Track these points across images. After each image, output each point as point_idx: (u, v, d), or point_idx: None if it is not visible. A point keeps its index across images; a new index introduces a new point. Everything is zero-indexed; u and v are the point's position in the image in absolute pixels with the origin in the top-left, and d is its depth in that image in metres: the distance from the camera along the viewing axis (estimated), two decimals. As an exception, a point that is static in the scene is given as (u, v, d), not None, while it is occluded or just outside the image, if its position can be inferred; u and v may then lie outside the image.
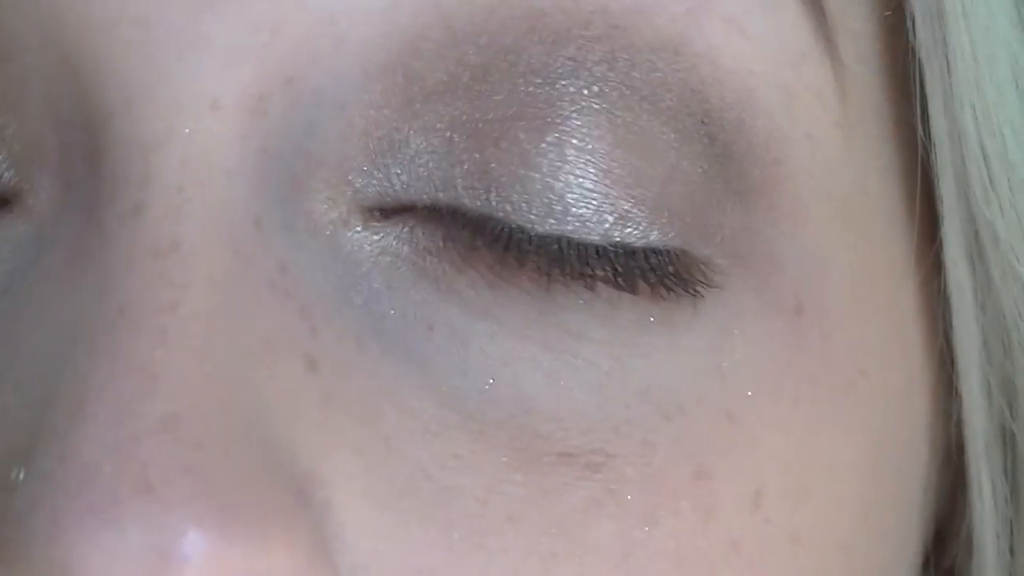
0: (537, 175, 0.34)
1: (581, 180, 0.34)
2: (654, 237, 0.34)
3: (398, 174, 0.34)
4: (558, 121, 0.34)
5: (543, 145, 0.34)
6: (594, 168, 0.34)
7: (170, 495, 0.30)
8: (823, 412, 0.36)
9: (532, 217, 0.34)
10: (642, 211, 0.34)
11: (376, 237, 0.34)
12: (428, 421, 0.33)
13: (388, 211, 0.34)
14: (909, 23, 0.36)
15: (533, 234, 0.34)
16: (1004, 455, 0.39)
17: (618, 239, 0.34)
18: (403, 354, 0.34)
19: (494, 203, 0.34)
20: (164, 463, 0.30)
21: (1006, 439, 0.39)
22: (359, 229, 0.34)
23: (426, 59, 0.34)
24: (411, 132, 0.34)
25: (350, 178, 0.34)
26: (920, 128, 0.37)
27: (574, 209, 0.34)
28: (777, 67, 0.35)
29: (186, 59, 0.33)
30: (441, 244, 0.34)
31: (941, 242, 0.38)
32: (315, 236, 0.34)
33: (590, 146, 0.34)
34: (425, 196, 0.34)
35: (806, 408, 0.36)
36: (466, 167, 0.34)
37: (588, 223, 0.34)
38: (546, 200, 0.34)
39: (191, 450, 0.31)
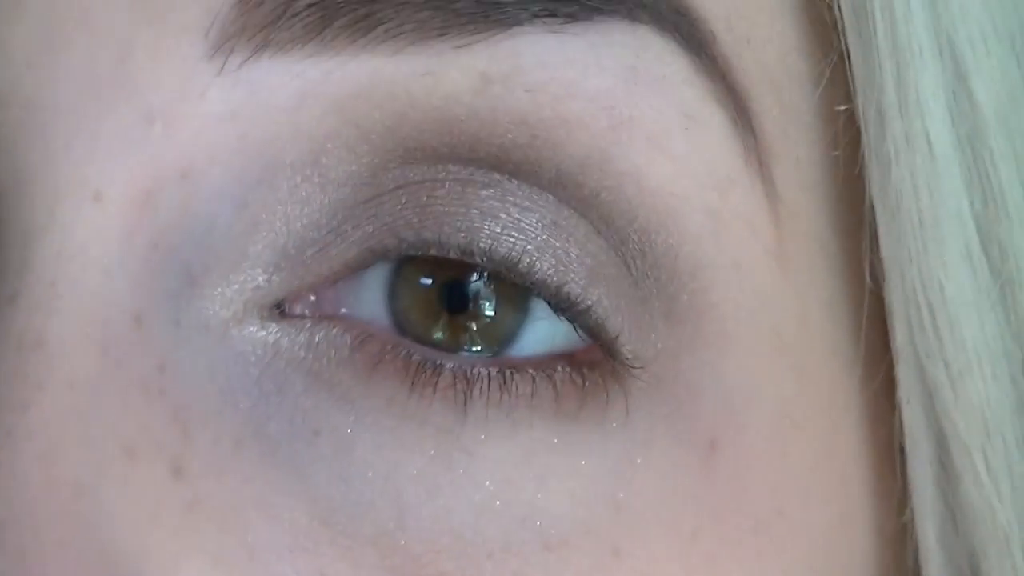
0: (476, 211, 0.33)
1: (519, 220, 0.33)
2: (592, 296, 0.33)
3: (304, 271, 0.33)
4: (487, 185, 0.33)
5: (479, 194, 0.33)
6: (535, 220, 0.33)
7: None
8: (726, 550, 0.34)
9: (470, 249, 0.33)
10: (582, 267, 0.33)
11: (272, 338, 0.33)
12: (297, 534, 0.33)
13: (289, 312, 0.33)
14: (860, 163, 0.34)
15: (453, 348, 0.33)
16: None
17: (558, 282, 0.33)
18: (283, 460, 0.33)
19: (423, 239, 0.33)
20: None
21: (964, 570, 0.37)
22: (253, 328, 0.33)
23: (335, 156, 0.33)
24: (321, 223, 0.33)
25: (252, 275, 0.33)
26: (867, 266, 0.35)
27: (506, 245, 0.33)
28: (702, 190, 0.34)
29: (72, 146, 0.32)
30: (347, 354, 0.33)
31: (893, 379, 0.36)
32: (205, 334, 0.33)
33: (525, 204, 0.33)
34: (333, 297, 0.34)
35: (705, 545, 0.34)
36: (381, 236, 0.33)
37: (526, 258, 0.33)
38: (485, 233, 0.33)
39: (12, 561, 0.30)
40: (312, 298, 0.34)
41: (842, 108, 0.35)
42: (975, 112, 0.34)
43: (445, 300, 0.34)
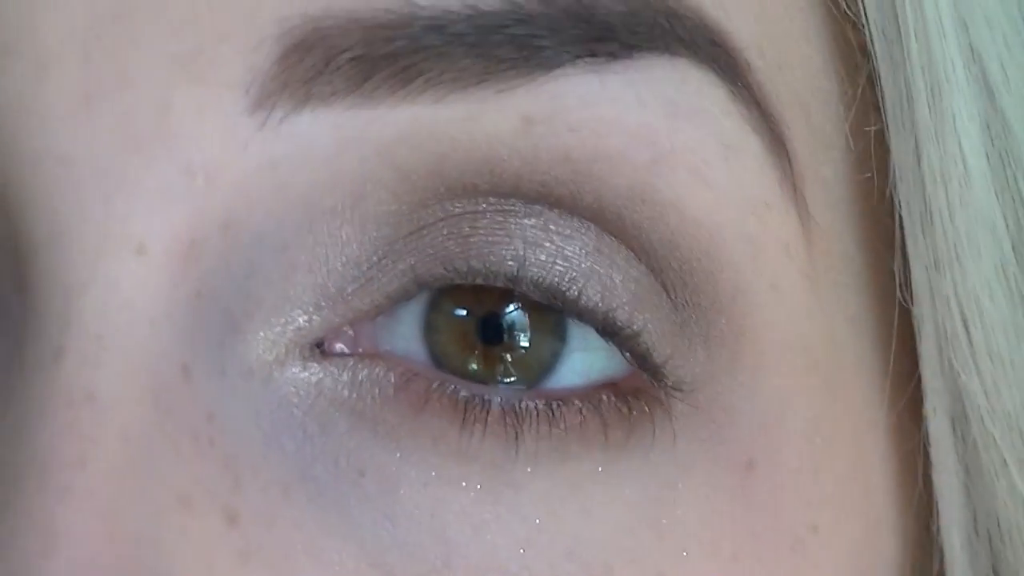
0: (519, 240, 0.33)
1: (563, 248, 0.33)
2: (638, 321, 0.34)
3: (345, 308, 0.33)
4: (529, 215, 0.33)
5: (521, 223, 0.33)
6: (579, 247, 0.33)
7: None
8: (764, 570, 0.35)
9: (519, 278, 0.33)
10: (627, 292, 0.34)
11: (314, 379, 0.33)
12: None
13: (329, 350, 0.33)
14: (891, 179, 0.35)
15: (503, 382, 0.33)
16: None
17: (605, 309, 0.33)
18: (329, 503, 0.33)
19: (471, 267, 0.33)
20: None
21: None
22: (296, 369, 0.33)
23: (375, 198, 0.33)
24: (361, 261, 0.33)
25: (292, 316, 0.33)
26: (899, 283, 0.35)
27: (555, 274, 0.33)
28: (741, 217, 0.34)
29: (112, 201, 0.32)
30: (391, 393, 0.33)
31: (921, 392, 0.36)
32: (249, 379, 0.33)
33: (568, 233, 0.33)
34: (371, 333, 0.34)
35: (745, 566, 0.35)
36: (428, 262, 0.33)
37: (574, 287, 0.33)
38: (531, 260, 0.33)
39: None
40: (350, 333, 0.34)
41: (871, 129, 0.35)
42: (1007, 132, 0.34)
43: (480, 332, 0.34)
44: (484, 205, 0.33)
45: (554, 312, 0.34)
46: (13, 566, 0.31)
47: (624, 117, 0.33)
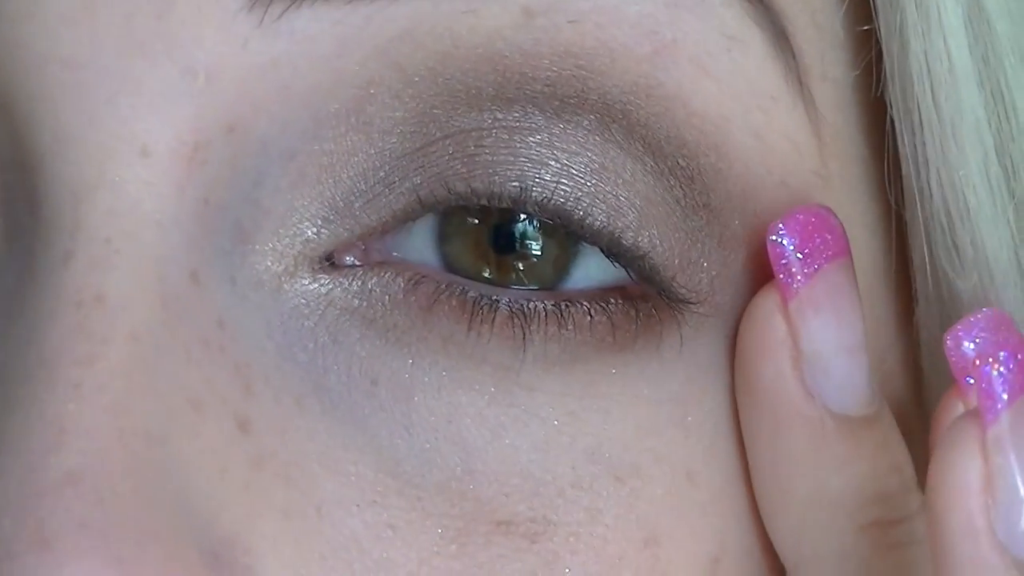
0: (524, 159, 0.33)
1: (568, 167, 0.33)
2: (644, 241, 0.33)
3: (353, 222, 0.33)
4: (534, 131, 0.33)
5: (527, 141, 0.33)
6: (583, 165, 0.33)
7: (64, 550, 0.30)
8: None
9: (524, 199, 0.33)
10: (632, 210, 0.33)
11: (324, 289, 0.33)
12: (364, 488, 0.32)
13: (339, 262, 0.33)
14: (885, 80, 0.35)
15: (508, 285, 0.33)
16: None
17: (611, 230, 0.33)
18: (344, 413, 0.33)
19: (473, 188, 0.33)
20: (61, 518, 0.30)
21: None
22: (306, 281, 0.33)
23: (379, 103, 0.33)
24: (368, 174, 0.33)
25: (301, 228, 0.33)
26: (888, 187, 0.36)
27: (560, 195, 0.33)
28: (747, 111, 0.34)
29: (116, 103, 0.32)
30: (401, 297, 0.33)
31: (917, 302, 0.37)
32: (259, 290, 0.33)
33: (573, 148, 0.33)
34: (382, 247, 0.33)
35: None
36: (439, 177, 0.33)
37: (580, 207, 0.33)
38: (535, 182, 0.33)
39: (90, 506, 0.30)
40: (362, 247, 0.33)
41: (864, 28, 0.35)
42: (991, 33, 0.35)
43: (493, 241, 0.34)
44: (490, 121, 0.33)
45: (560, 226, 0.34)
46: (24, 460, 0.30)
47: (624, 8, 0.33)
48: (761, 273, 0.34)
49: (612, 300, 0.34)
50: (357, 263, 0.33)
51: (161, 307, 0.32)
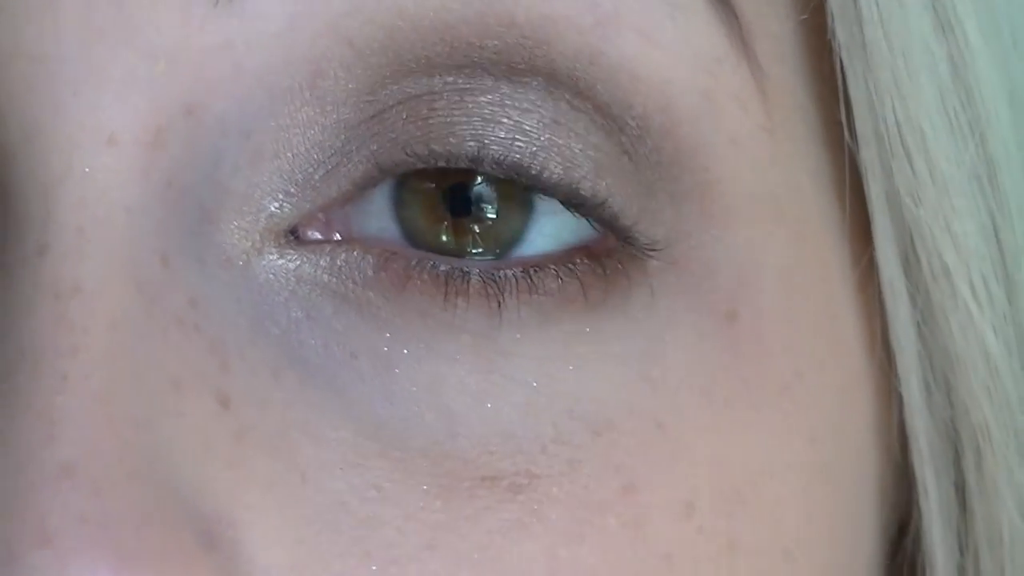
0: (478, 118, 0.34)
1: (521, 123, 0.34)
2: (602, 188, 0.34)
3: (314, 194, 0.34)
4: (485, 91, 0.34)
5: (478, 100, 0.34)
6: (536, 120, 0.34)
7: (66, 546, 0.30)
8: (758, 415, 0.36)
9: (480, 158, 0.34)
10: (588, 161, 0.34)
11: (293, 265, 0.34)
12: (346, 451, 0.33)
13: (304, 237, 0.34)
14: (829, 23, 0.36)
15: (477, 253, 0.34)
16: (948, 455, 0.39)
17: (568, 181, 0.34)
18: (323, 383, 0.33)
19: (431, 150, 0.34)
20: (61, 512, 0.30)
21: (949, 438, 0.39)
22: (274, 257, 0.34)
23: (332, 77, 0.33)
24: (325, 145, 0.34)
25: (263, 204, 0.34)
26: (846, 127, 0.36)
27: (516, 151, 0.34)
28: (693, 74, 0.35)
29: (81, 93, 0.32)
30: (371, 274, 0.34)
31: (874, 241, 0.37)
32: (228, 268, 0.33)
33: (525, 107, 0.34)
34: (343, 217, 0.34)
35: (739, 412, 0.35)
36: (392, 143, 0.34)
37: (536, 162, 0.34)
38: (491, 139, 0.34)
39: (88, 498, 0.30)
40: (322, 219, 0.34)
41: None
42: None
43: (449, 204, 0.35)
44: (440, 85, 0.34)
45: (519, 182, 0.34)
46: (17, 455, 0.31)
47: None
48: (713, 230, 0.35)
49: (579, 260, 0.35)
50: (321, 237, 0.34)
51: (136, 292, 0.32)
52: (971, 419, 0.38)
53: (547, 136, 0.34)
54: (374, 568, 0.33)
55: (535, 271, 0.34)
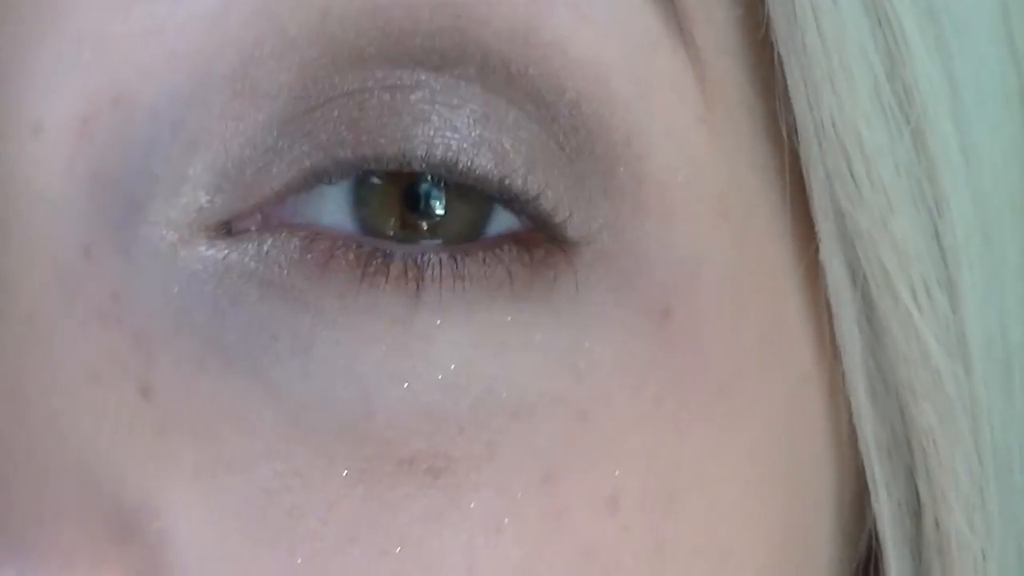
0: (408, 116, 0.34)
1: (450, 119, 0.34)
2: (533, 184, 0.34)
3: (246, 191, 0.34)
4: (415, 88, 0.34)
5: (408, 98, 0.34)
6: (466, 116, 0.34)
7: None
8: (692, 413, 0.35)
9: (407, 157, 0.33)
10: (518, 156, 0.34)
11: (221, 255, 0.34)
12: (270, 439, 0.33)
13: (236, 228, 0.34)
14: (764, 18, 0.35)
15: (400, 237, 0.34)
16: (901, 460, 0.38)
17: (499, 176, 0.34)
18: (245, 369, 0.33)
19: (360, 155, 0.33)
20: None
21: (899, 445, 0.38)
22: (203, 248, 0.34)
23: (265, 67, 0.33)
24: (257, 141, 0.33)
25: (194, 196, 0.33)
26: (783, 125, 0.36)
27: (442, 148, 0.34)
28: (627, 57, 0.34)
29: (7, 81, 0.32)
30: (297, 256, 0.34)
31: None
32: (154, 259, 0.33)
33: (455, 102, 0.34)
34: (281, 214, 0.34)
35: (670, 409, 0.35)
36: (325, 145, 0.34)
37: (464, 157, 0.34)
38: (419, 139, 0.34)
39: (2, 491, 0.30)
40: (259, 217, 0.34)
41: None
42: None
43: (407, 201, 0.34)
44: (371, 82, 0.33)
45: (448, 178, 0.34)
46: None
47: None
48: (647, 224, 0.35)
49: (506, 247, 0.34)
50: (254, 230, 0.34)
51: (55, 285, 0.32)
52: (916, 425, 0.37)
53: (478, 131, 0.34)
54: (299, 561, 0.33)
55: (460, 256, 0.34)
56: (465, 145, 0.34)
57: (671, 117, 0.35)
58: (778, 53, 0.35)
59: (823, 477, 0.38)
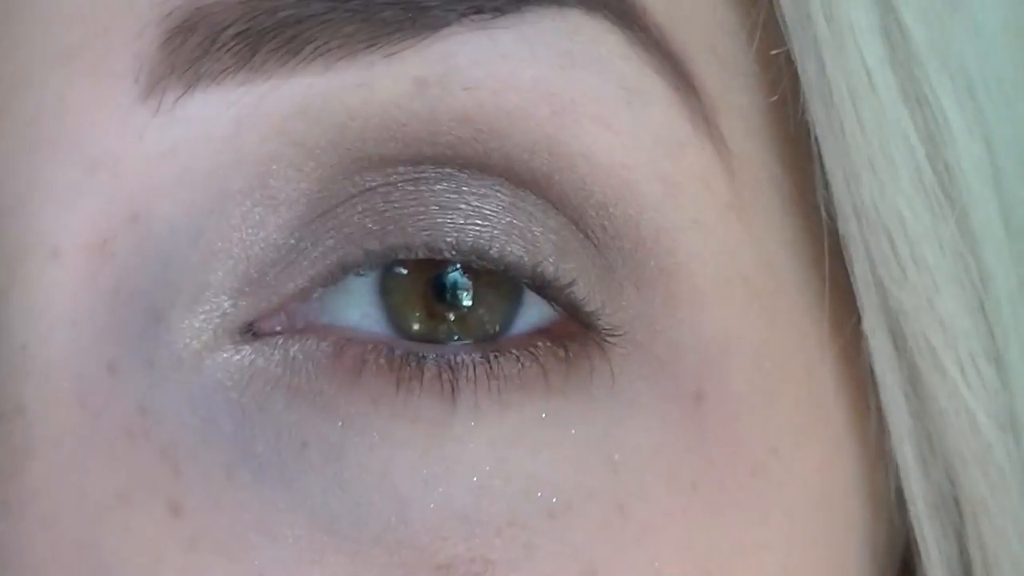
0: (434, 207, 0.33)
1: (480, 208, 0.33)
2: (565, 271, 0.34)
3: (270, 292, 0.33)
4: (440, 180, 0.33)
5: (434, 189, 0.33)
6: (494, 205, 0.33)
7: None
8: (728, 495, 0.35)
9: (437, 245, 0.33)
10: (549, 243, 0.34)
11: (247, 362, 0.33)
12: (302, 549, 0.33)
13: (260, 330, 0.34)
14: (800, 102, 0.35)
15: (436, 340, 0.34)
16: (950, 522, 0.38)
17: (531, 263, 0.33)
18: (275, 477, 0.33)
19: (388, 244, 0.33)
20: None
21: (949, 500, 0.38)
22: (229, 354, 0.33)
23: (282, 176, 0.33)
24: (279, 243, 0.33)
25: (217, 303, 0.33)
26: (823, 204, 0.35)
27: (472, 235, 0.33)
28: (653, 159, 0.34)
29: (25, 205, 0.32)
30: (326, 363, 0.33)
31: (858, 312, 0.36)
32: (179, 369, 0.33)
33: (482, 192, 0.33)
34: (306, 311, 0.34)
35: (708, 493, 0.35)
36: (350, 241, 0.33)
37: (496, 244, 0.33)
38: (449, 228, 0.33)
39: None
40: (283, 316, 0.34)
41: (777, 52, 0.35)
42: (906, 40, 0.34)
43: (436, 293, 0.34)
44: (395, 177, 0.33)
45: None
46: None
47: (519, 73, 0.33)
48: (679, 313, 0.34)
49: (540, 344, 0.34)
50: (279, 330, 0.34)
51: (79, 407, 0.32)
52: (967, 493, 0.37)
53: (507, 219, 0.33)
54: None
55: (495, 356, 0.34)
56: (495, 232, 0.33)
57: (699, 209, 0.34)
58: (814, 136, 0.35)
59: (857, 539, 0.38)
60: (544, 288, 0.34)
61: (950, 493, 0.37)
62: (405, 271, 0.34)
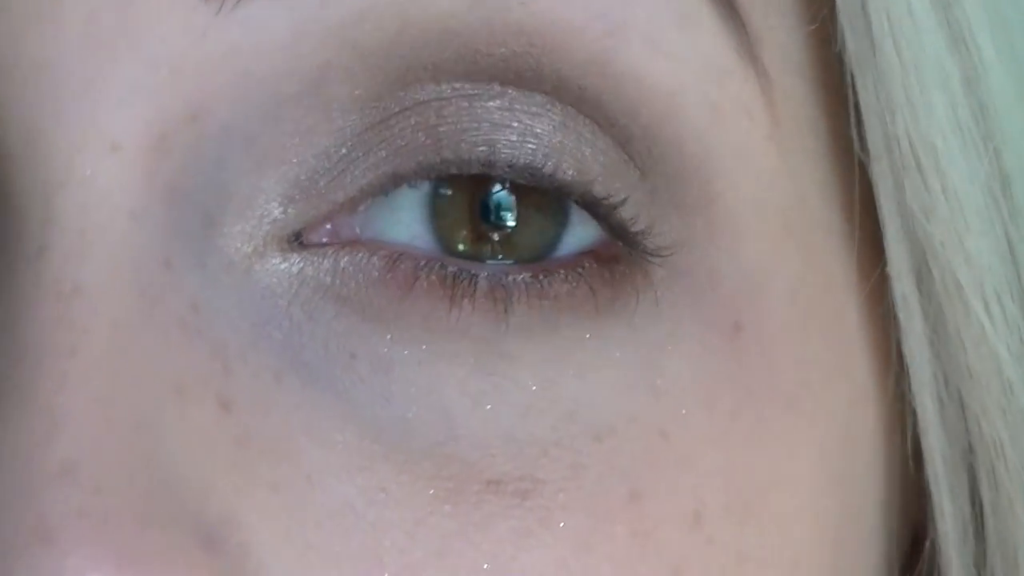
0: (487, 123, 0.34)
1: (532, 126, 0.34)
2: (614, 191, 0.34)
3: (320, 200, 0.34)
4: (493, 97, 0.34)
5: (487, 106, 0.34)
6: (546, 124, 0.34)
7: (66, 541, 0.30)
8: (764, 426, 0.36)
9: (491, 161, 0.34)
10: (598, 164, 0.34)
11: (295, 268, 0.34)
12: (351, 454, 0.33)
13: (307, 240, 0.34)
14: (838, 35, 0.36)
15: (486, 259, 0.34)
16: (964, 471, 0.38)
17: (582, 181, 0.34)
18: (324, 386, 0.33)
19: (443, 157, 0.34)
20: (61, 509, 0.30)
21: (964, 456, 0.38)
22: (277, 261, 0.34)
23: (337, 82, 0.33)
24: (331, 152, 0.34)
25: (267, 208, 0.34)
26: (856, 140, 0.36)
27: (527, 152, 0.34)
28: (700, 84, 0.35)
29: (83, 100, 0.33)
30: (377, 276, 0.34)
31: (885, 255, 0.37)
32: (230, 272, 0.33)
33: (534, 111, 0.34)
34: (352, 223, 0.34)
35: (746, 423, 0.35)
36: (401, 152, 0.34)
37: (549, 163, 0.34)
38: (502, 144, 0.34)
39: (89, 495, 0.31)
40: (328, 226, 0.34)
41: None
42: None
43: (482, 213, 0.35)
44: (449, 91, 0.34)
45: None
46: (18, 453, 0.31)
47: None
48: (719, 241, 0.35)
49: (587, 264, 0.34)
50: (326, 242, 0.34)
51: (138, 294, 0.32)
52: (985, 437, 0.37)
53: (559, 138, 0.34)
54: (386, 574, 0.33)
55: (544, 275, 0.34)
56: (547, 151, 0.34)
57: (741, 138, 0.35)
58: (851, 70, 0.36)
59: (876, 485, 0.39)
60: (594, 206, 0.34)
61: (967, 444, 0.38)
62: (450, 192, 0.35)
